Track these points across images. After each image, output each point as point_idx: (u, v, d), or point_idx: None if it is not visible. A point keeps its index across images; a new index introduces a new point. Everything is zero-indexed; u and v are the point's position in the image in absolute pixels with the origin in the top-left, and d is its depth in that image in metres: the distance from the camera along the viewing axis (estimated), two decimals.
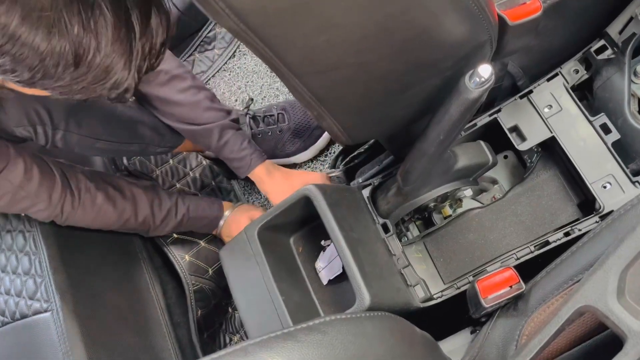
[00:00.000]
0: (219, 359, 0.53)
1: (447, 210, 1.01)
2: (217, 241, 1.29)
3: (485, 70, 0.62)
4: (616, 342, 0.55)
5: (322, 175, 1.25)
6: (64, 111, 1.03)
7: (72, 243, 1.09)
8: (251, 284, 0.88)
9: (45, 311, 1.03)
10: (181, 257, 1.23)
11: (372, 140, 1.30)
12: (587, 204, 0.87)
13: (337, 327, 0.58)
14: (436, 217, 1.02)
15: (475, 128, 0.92)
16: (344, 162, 1.34)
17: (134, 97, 1.13)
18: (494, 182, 1.01)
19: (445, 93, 0.68)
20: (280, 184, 1.20)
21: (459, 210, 0.99)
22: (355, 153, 1.34)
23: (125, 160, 1.42)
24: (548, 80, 0.88)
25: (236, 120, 1.19)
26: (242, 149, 1.16)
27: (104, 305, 1.08)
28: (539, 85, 0.89)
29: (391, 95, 0.73)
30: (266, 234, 0.90)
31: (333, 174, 1.32)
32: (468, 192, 0.98)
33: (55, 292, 1.04)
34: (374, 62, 0.64)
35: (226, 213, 1.23)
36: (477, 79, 0.63)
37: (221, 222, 1.23)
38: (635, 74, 0.86)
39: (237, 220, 1.22)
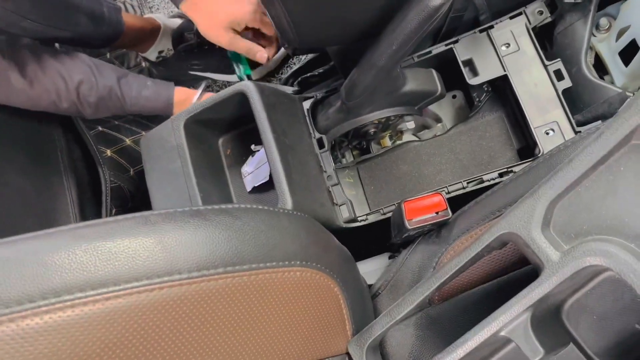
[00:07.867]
0: (117, 222, 0.48)
1: (387, 142, 0.97)
2: None
3: None
4: (534, 276, 0.54)
5: (252, 7, 1.04)
6: None
7: None
8: (169, 175, 0.82)
9: None
10: (102, 151, 1.14)
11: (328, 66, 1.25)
12: (527, 151, 0.86)
13: (251, 215, 0.54)
14: (374, 147, 0.98)
15: (429, 56, 0.88)
16: (297, 81, 1.29)
17: None
18: (438, 120, 0.98)
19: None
20: (203, 8, 1.03)
21: (398, 143, 0.96)
22: (309, 75, 1.29)
23: None
24: (511, 18, 0.85)
25: None
26: None
27: (6, 186, 0.99)
28: (500, 21, 0.85)
29: None
30: (193, 127, 0.83)
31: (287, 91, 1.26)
32: (410, 124, 0.95)
33: None
34: None
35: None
36: None
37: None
38: (597, 27, 0.84)
39: None
